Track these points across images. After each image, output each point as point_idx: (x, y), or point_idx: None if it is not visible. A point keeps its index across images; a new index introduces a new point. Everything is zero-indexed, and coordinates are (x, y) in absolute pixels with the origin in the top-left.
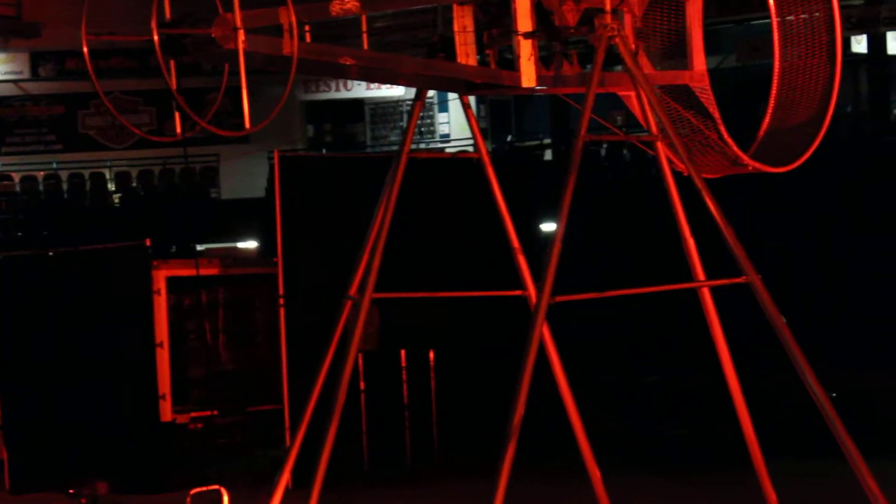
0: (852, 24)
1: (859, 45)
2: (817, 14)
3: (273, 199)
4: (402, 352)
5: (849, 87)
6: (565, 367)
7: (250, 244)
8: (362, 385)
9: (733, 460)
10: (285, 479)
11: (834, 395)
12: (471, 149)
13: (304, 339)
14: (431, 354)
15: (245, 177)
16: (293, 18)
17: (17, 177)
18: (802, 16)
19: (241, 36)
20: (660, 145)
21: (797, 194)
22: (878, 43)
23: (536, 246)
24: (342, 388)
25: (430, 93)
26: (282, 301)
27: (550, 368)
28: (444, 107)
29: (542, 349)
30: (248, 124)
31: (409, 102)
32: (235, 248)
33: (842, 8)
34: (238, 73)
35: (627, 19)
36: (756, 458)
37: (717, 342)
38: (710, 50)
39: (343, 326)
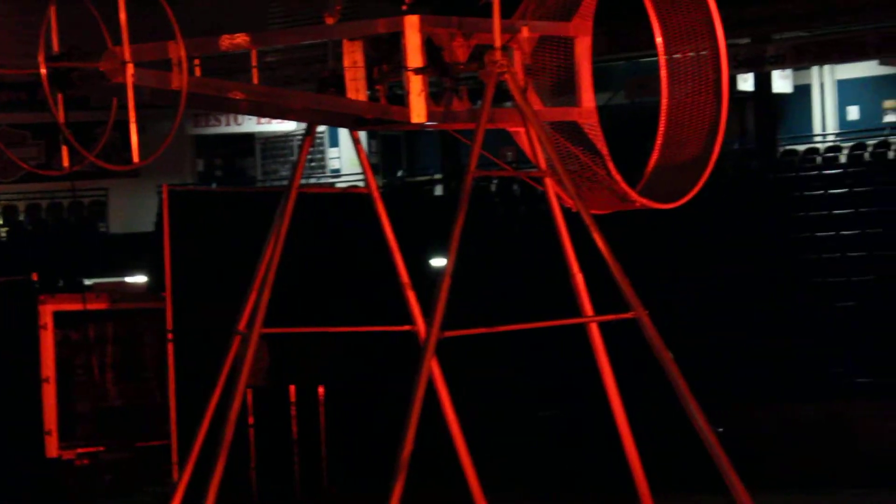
0: (739, 62)
1: (746, 83)
2: (704, 52)
3: (162, 234)
4: (292, 387)
5: (736, 124)
6: (459, 402)
7: (140, 278)
8: (251, 420)
9: (622, 494)
10: None
11: (720, 429)
12: (361, 184)
13: (193, 374)
14: (321, 389)
15: (135, 211)
16: (182, 52)
17: None
18: (690, 54)
19: (130, 70)
20: (549, 181)
21: (685, 230)
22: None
23: (427, 281)
24: (230, 424)
25: (321, 127)
26: (170, 336)
27: (440, 402)
28: (334, 141)
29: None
30: (135, 158)
31: (300, 137)
32: (123, 282)
33: (728, 46)
34: (127, 107)
35: (517, 56)
36: (643, 494)
37: (605, 377)
38: (599, 87)
39: (232, 362)
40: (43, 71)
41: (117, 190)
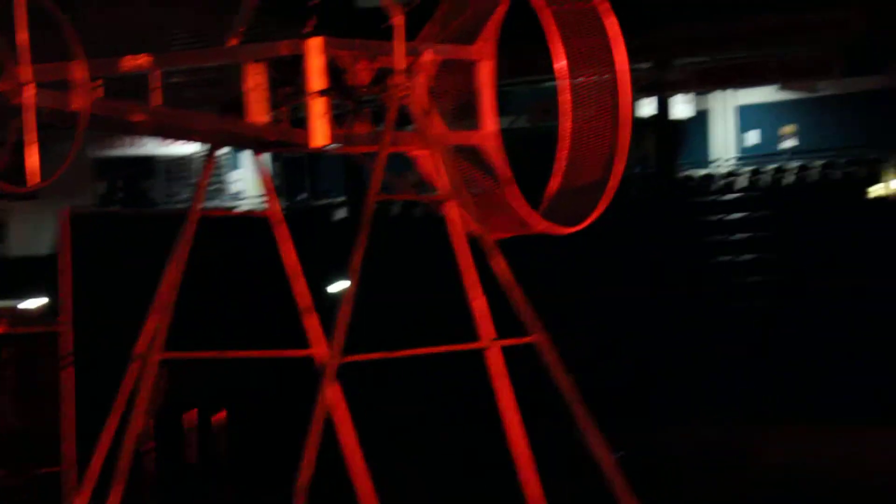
0: (641, 87)
1: (647, 107)
2: (606, 77)
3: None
4: (192, 412)
5: (637, 148)
6: (364, 427)
7: (39, 301)
8: (151, 445)
9: None
10: None
11: (622, 454)
12: (264, 206)
13: (91, 399)
14: (221, 415)
15: (35, 233)
16: (84, 73)
17: None
18: (592, 78)
19: (30, 90)
20: (450, 205)
21: (587, 254)
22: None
23: (328, 305)
24: (128, 449)
25: (224, 150)
26: (68, 360)
27: (342, 428)
28: (237, 164)
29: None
30: (34, 181)
31: (203, 159)
32: (19, 306)
33: (630, 71)
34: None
35: (420, 79)
36: None
37: (505, 402)
38: (501, 111)
39: (131, 387)
40: None
41: (18, 212)
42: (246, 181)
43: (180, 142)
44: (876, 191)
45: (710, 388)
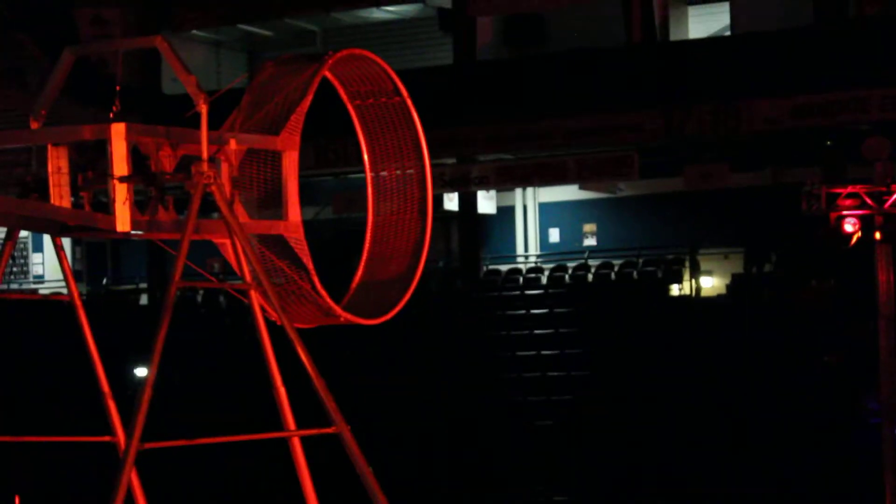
0: (445, 181)
1: (451, 202)
2: (410, 171)
3: None
4: None
5: (441, 242)
6: None
7: None
8: None
9: None
10: None
11: None
12: (65, 290)
13: None
14: (17, 500)
15: None
16: None
17: None
18: (396, 172)
19: None
20: (253, 293)
21: (390, 345)
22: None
23: (129, 390)
24: None
25: (24, 232)
26: None
27: None
28: (38, 247)
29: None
30: None
31: (1, 241)
32: None
33: (434, 166)
34: None
35: (224, 167)
36: None
37: (306, 490)
38: (306, 201)
39: None
40: None
41: None
42: (47, 265)
43: None
44: (675, 290)
45: (507, 484)
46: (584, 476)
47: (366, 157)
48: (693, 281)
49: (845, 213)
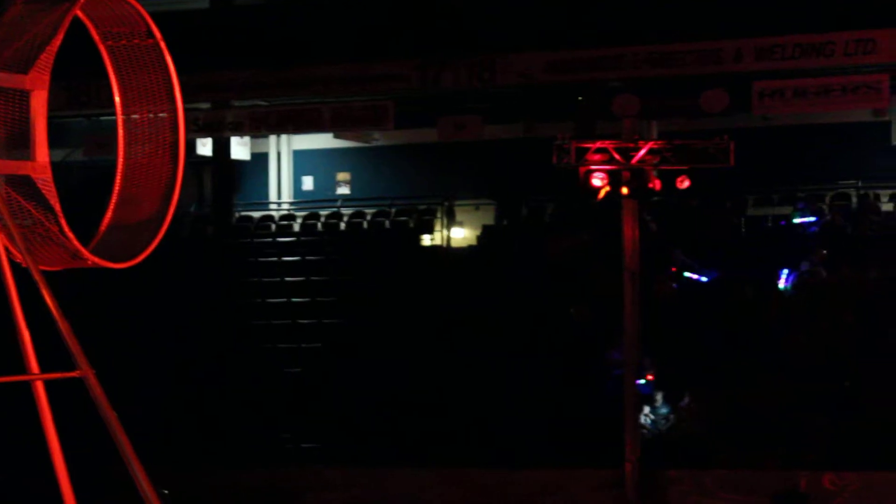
0: (198, 126)
1: (205, 147)
2: (163, 115)
3: None
4: None
5: (193, 188)
6: None
7: None
8: None
9: None
10: None
11: (166, 491)
12: None
13: None
14: None
15: None
16: None
17: None
18: (148, 115)
19: None
20: None
21: (143, 290)
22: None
23: None
24: None
25: None
26: None
27: None
28: None
29: None
30: None
31: None
32: None
33: (188, 110)
34: None
35: None
36: None
37: (49, 436)
38: (56, 142)
39: None
40: None
41: None
42: None
43: None
44: (427, 240)
45: (256, 432)
46: (333, 424)
47: (117, 99)
48: (445, 231)
49: (594, 167)
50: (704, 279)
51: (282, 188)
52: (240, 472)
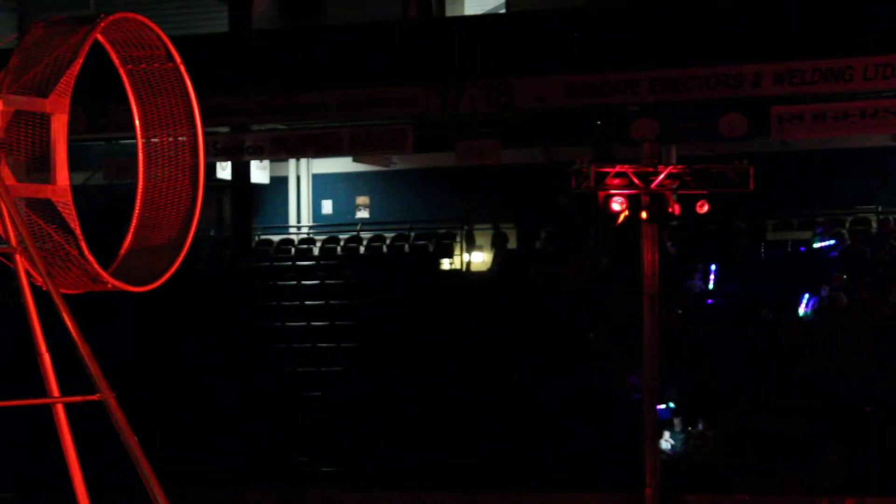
0: (218, 150)
1: (224, 171)
2: (182, 138)
3: None
4: None
5: (213, 211)
6: None
7: None
8: None
9: None
10: None
11: None
12: None
13: None
14: None
15: None
16: None
17: None
18: (168, 139)
19: None
20: (18, 258)
21: (163, 314)
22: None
23: None
24: None
25: None
26: None
27: None
28: None
29: None
30: None
31: None
32: None
33: (207, 134)
34: None
35: None
36: None
37: (69, 459)
38: (76, 166)
39: None
40: None
41: None
42: None
43: None
44: (446, 264)
45: (274, 453)
46: (351, 448)
47: (137, 122)
48: (464, 255)
49: (613, 192)
50: (710, 301)
51: (301, 212)
52: (260, 495)
